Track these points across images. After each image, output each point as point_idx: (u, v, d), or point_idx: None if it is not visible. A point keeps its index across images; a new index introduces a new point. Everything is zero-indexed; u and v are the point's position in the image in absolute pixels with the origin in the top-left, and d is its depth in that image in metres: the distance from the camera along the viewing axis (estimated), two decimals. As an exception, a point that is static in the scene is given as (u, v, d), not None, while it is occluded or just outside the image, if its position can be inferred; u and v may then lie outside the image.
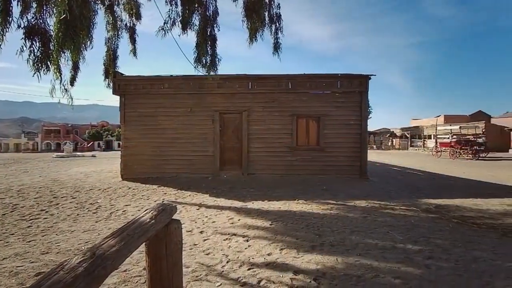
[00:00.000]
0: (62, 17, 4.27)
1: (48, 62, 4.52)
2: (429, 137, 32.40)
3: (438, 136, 28.14)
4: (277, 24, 7.00)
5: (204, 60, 5.76)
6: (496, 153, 22.77)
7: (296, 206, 5.35)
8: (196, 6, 5.98)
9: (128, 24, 7.97)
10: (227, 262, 2.83)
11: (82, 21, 4.94)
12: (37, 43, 4.39)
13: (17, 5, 4.44)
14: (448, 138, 24.27)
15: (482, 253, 3.05)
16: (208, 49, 5.82)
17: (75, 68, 6.71)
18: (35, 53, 4.35)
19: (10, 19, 4.13)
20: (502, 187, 7.64)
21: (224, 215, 4.67)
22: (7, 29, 4.10)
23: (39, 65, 4.39)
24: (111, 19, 7.50)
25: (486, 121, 30.76)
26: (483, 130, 25.77)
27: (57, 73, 4.69)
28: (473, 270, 2.65)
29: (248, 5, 6.48)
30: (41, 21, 4.45)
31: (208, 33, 5.88)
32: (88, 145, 49.39)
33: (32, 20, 4.37)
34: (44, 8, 4.45)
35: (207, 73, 5.99)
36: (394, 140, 40.13)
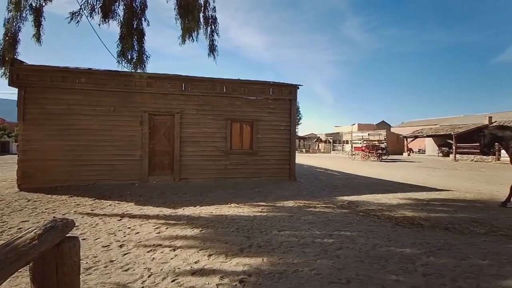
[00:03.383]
0: None
1: None
2: (347, 142, 37.30)
3: (353, 141, 32.65)
4: (213, 27, 6.94)
5: (129, 56, 5.25)
6: (394, 156, 27.80)
7: (228, 210, 5.37)
8: (120, -6, 5.43)
9: (34, 4, 6.66)
10: (149, 276, 2.62)
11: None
12: None
13: None
14: (360, 143, 28.54)
15: (380, 240, 3.64)
16: (135, 44, 5.33)
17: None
18: None
19: None
20: (396, 183, 9.35)
21: (151, 225, 4.32)
22: None
23: None
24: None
25: (387, 129, 37.32)
26: (385, 137, 31.25)
27: None
28: (372, 256, 3.14)
29: (182, 3, 6.24)
30: None
31: (135, 26, 5.39)
32: (-28, 148, 38.94)
33: None
34: None
35: (133, 70, 5.47)
36: (320, 144, 44.67)
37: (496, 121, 24.23)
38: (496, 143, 6.23)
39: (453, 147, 23.33)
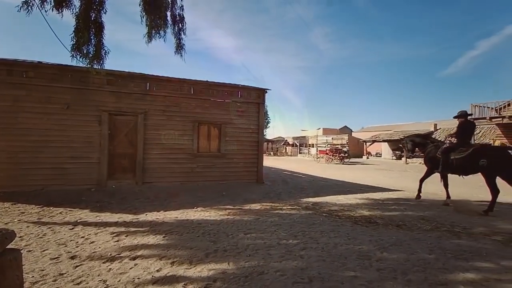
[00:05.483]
0: None
1: None
2: (312, 145, 38.79)
3: (318, 145, 34.09)
4: (180, 25, 6.78)
5: (85, 50, 4.86)
6: (355, 159, 29.62)
7: (195, 214, 5.24)
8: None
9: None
10: (105, 289, 2.44)
11: None
12: None
13: None
14: (325, 147, 29.95)
15: (340, 239, 3.84)
16: (92, 37, 4.95)
17: None
18: None
19: None
20: (357, 185, 9.96)
21: (108, 233, 4.03)
22: None
23: None
24: None
25: (349, 134, 39.71)
26: (347, 141, 33.17)
27: None
28: (333, 254, 3.30)
29: (148, -1, 5.99)
30: None
31: (93, 18, 5.01)
32: None
33: None
34: None
35: (89, 66, 5.07)
36: (287, 147, 45.80)
37: (440, 128, 27.14)
38: (416, 148, 7.39)
39: (404, 151, 25.58)
